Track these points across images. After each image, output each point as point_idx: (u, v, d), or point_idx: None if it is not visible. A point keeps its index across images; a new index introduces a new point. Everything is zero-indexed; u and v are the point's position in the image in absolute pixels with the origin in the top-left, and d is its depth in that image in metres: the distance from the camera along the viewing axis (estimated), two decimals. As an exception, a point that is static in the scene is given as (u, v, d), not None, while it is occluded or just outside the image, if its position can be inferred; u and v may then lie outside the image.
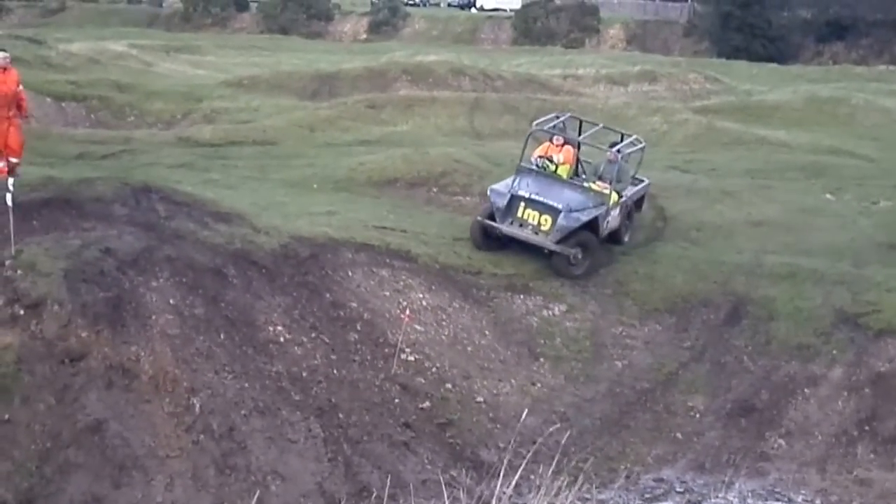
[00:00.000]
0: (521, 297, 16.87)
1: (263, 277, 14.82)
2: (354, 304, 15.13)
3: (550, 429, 13.25)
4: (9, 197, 13.40)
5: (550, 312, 16.75)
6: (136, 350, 12.73)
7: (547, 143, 18.95)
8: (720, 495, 13.04)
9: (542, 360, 15.77)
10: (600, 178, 18.52)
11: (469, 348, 15.47)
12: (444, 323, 15.69)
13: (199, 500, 11.83)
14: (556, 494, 7.24)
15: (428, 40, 66.24)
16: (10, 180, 13.93)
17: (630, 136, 20.14)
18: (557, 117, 20.18)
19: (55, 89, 28.96)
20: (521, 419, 13.50)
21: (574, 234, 17.39)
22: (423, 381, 14.54)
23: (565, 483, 7.60)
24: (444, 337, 15.46)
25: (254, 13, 73.73)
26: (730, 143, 29.81)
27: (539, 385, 15.29)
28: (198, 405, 12.54)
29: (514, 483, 7.59)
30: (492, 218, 17.73)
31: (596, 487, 12.95)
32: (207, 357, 13.12)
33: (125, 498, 11.57)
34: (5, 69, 16.08)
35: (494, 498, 7.04)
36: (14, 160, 16.20)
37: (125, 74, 34.94)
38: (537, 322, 16.47)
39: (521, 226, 17.53)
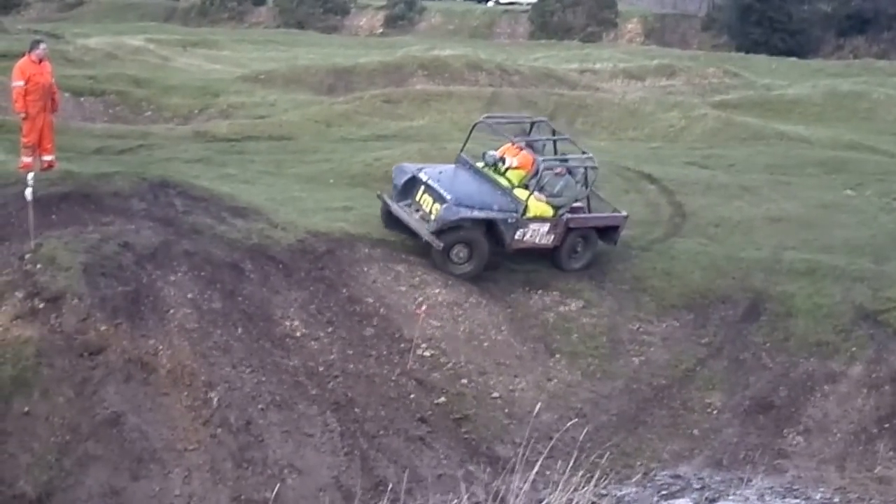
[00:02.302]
0: (538, 292, 16.83)
1: (280, 272, 14.86)
2: (371, 300, 15.14)
3: (567, 425, 13.24)
4: (29, 191, 13.48)
5: (567, 308, 16.71)
6: (154, 344, 12.79)
7: (508, 145, 17.88)
8: (737, 492, 12.99)
9: (558, 356, 15.74)
10: (541, 190, 16.97)
11: (485, 344, 15.46)
12: (460, 318, 15.68)
13: (216, 493, 11.88)
14: (573, 490, 7.24)
15: (444, 34, 66.12)
16: (30, 175, 14.00)
17: (587, 155, 18.04)
18: (532, 121, 19.02)
19: (73, 84, 29.00)
20: (537, 415, 13.49)
21: (457, 229, 16.16)
22: (438, 376, 14.54)
23: (582, 479, 7.60)
24: (460, 332, 15.45)
25: (270, 7, 73.73)
26: (749, 139, 29.66)
27: (555, 381, 15.26)
28: (215, 399, 12.59)
29: (530, 479, 7.59)
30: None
31: (612, 484, 12.93)
32: (225, 351, 13.16)
33: (143, 490, 11.64)
34: (41, 60, 16.09)
35: (510, 493, 7.04)
36: (48, 158, 16.23)
37: (143, 69, 34.99)
38: (554, 318, 16.43)
39: (417, 210, 16.49)
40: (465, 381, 14.65)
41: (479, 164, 17.35)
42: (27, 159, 16.03)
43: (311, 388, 13.39)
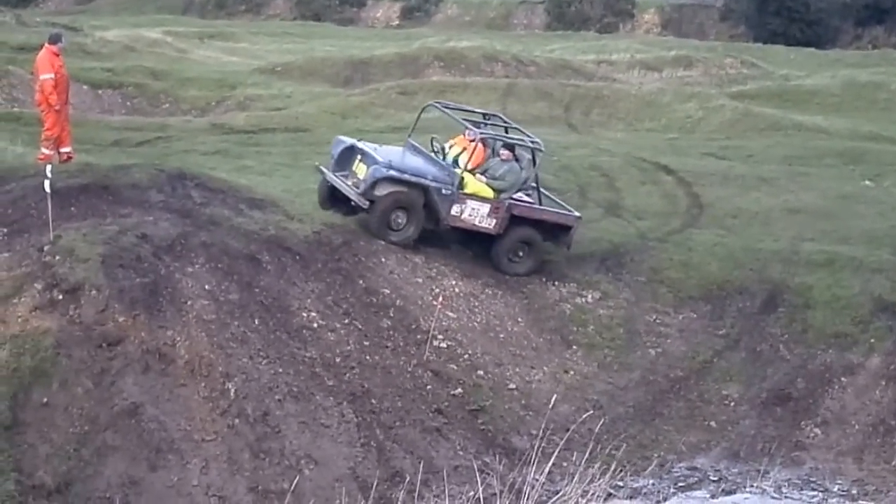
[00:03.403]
0: (555, 284, 16.81)
1: (297, 264, 14.89)
2: (387, 291, 15.16)
3: (583, 416, 13.25)
4: (47, 183, 13.52)
5: (584, 300, 16.69)
6: (172, 335, 12.84)
7: (460, 136, 17.21)
8: (755, 484, 12.99)
9: (574, 347, 15.74)
10: (484, 173, 16.49)
11: (501, 335, 15.47)
12: (476, 310, 15.68)
13: (233, 484, 11.93)
14: (590, 482, 7.24)
15: (460, 26, 65.97)
16: (49, 167, 14.05)
17: (534, 138, 17.26)
18: (485, 116, 18.21)
19: (92, 77, 29.13)
20: (553, 406, 13.48)
21: (394, 193, 15.74)
22: (455, 367, 14.56)
23: (598, 471, 7.61)
24: (476, 324, 15.46)
25: (287, -1, 73.79)
26: (766, 130, 29.53)
27: (572, 372, 15.27)
28: (233, 390, 12.64)
29: (546, 470, 7.60)
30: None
31: (629, 475, 12.94)
32: (242, 342, 13.20)
33: (161, 480, 11.69)
34: (58, 53, 16.14)
35: (527, 485, 7.05)
36: (66, 149, 16.30)
37: (160, 62, 35.09)
38: (570, 309, 16.42)
39: (353, 181, 16.08)
40: (481, 372, 14.66)
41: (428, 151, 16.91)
42: (47, 151, 16.07)
43: (327, 380, 13.42)
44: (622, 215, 20.41)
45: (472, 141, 16.65)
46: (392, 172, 15.69)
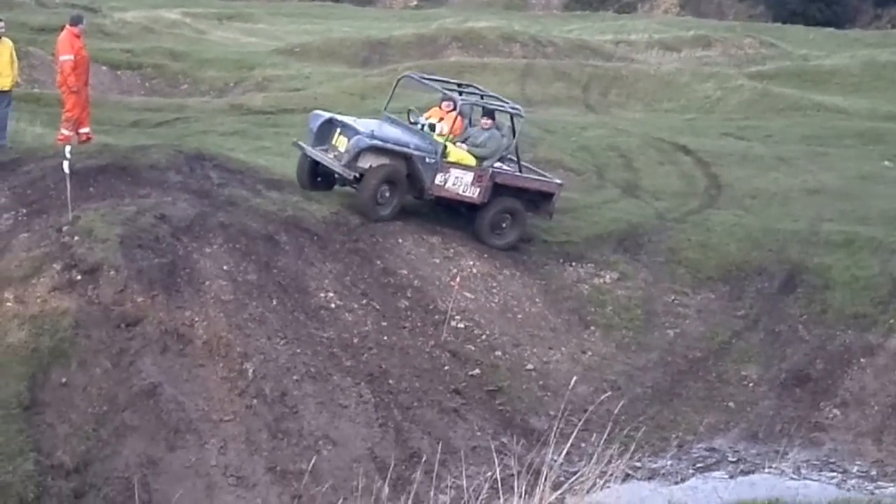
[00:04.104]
0: (573, 264, 16.78)
1: (315, 244, 14.90)
2: (405, 271, 15.16)
3: (601, 397, 13.22)
4: (66, 164, 13.56)
5: (602, 280, 16.65)
6: (190, 315, 12.88)
7: (436, 108, 17.03)
8: (773, 465, 12.96)
9: (592, 328, 15.71)
10: (465, 142, 16.30)
11: (519, 316, 15.45)
12: (494, 290, 15.67)
13: (252, 464, 11.97)
14: (608, 463, 7.23)
15: (478, 6, 65.77)
16: (68, 148, 14.09)
17: (518, 110, 16.92)
18: (459, 85, 17.83)
19: (111, 58, 29.22)
20: (571, 387, 13.47)
21: (382, 167, 15.47)
22: (472, 348, 14.56)
23: (616, 451, 7.60)
24: (494, 304, 15.45)
25: (305, -20, 73.60)
26: (785, 110, 29.40)
27: (590, 353, 15.24)
28: (251, 370, 12.67)
29: (564, 451, 7.59)
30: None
31: (647, 456, 12.94)
32: (260, 322, 13.23)
33: (179, 460, 11.74)
34: (79, 35, 16.15)
35: (545, 466, 7.04)
36: (85, 130, 16.35)
37: (179, 43, 35.14)
38: (588, 290, 16.39)
39: (334, 153, 15.77)
40: (499, 352, 14.66)
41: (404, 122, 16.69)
42: (67, 132, 16.13)
43: (345, 360, 13.44)
44: (640, 196, 20.36)
45: (451, 111, 16.45)
46: (375, 142, 15.43)
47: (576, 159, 22.38)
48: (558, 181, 17.17)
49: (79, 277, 12.82)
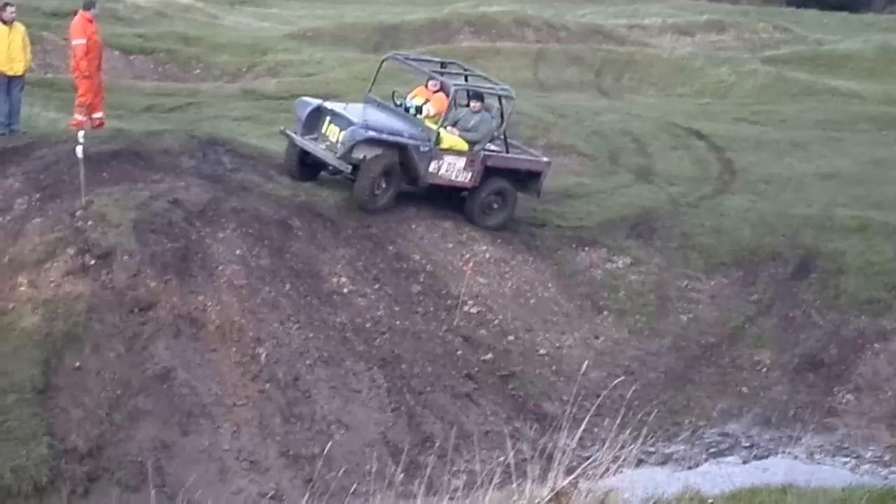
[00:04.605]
0: (585, 249, 16.74)
1: (328, 229, 14.91)
2: (417, 256, 15.15)
3: (614, 382, 13.19)
4: (79, 149, 13.58)
5: (614, 265, 16.62)
6: (203, 300, 12.90)
7: (421, 87, 16.71)
8: (787, 450, 12.93)
9: (605, 313, 15.68)
10: (454, 125, 15.98)
11: (532, 301, 15.43)
12: (506, 275, 15.65)
13: (265, 448, 12.00)
14: (620, 448, 7.21)
15: (492, -10, 65.67)
16: (81, 132, 14.10)
17: (506, 88, 16.79)
18: (442, 64, 17.68)
19: (123, 42, 29.19)
20: (584, 372, 13.46)
21: (379, 158, 15.20)
22: (485, 333, 14.55)
23: (629, 437, 7.57)
24: (506, 289, 15.43)
25: (317, -35, 73.51)
26: (799, 94, 29.29)
27: (602, 338, 15.22)
28: (264, 354, 12.69)
29: (577, 436, 7.57)
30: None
31: (660, 441, 12.91)
32: (273, 307, 13.25)
33: (193, 445, 11.78)
34: (91, 20, 16.16)
35: (557, 450, 7.02)
36: (98, 115, 16.37)
37: (191, 27, 35.10)
38: (601, 275, 16.36)
39: (324, 142, 15.47)
40: (511, 337, 14.65)
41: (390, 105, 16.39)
42: (80, 117, 16.15)
43: (358, 345, 13.45)
44: (653, 181, 20.32)
45: (437, 91, 16.27)
46: (371, 133, 15.14)
47: (589, 144, 22.34)
48: (546, 159, 16.99)
49: (92, 262, 12.85)
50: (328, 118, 15.57)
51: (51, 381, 11.77)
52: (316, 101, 16.07)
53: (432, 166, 15.65)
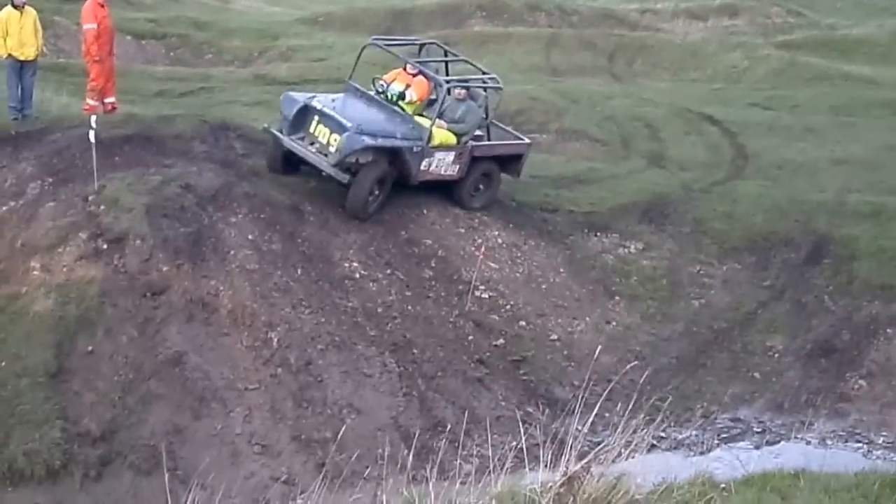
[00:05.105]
0: (597, 234, 16.72)
1: (339, 215, 14.90)
2: (429, 241, 15.15)
3: (626, 367, 13.19)
4: (92, 134, 13.60)
5: (626, 250, 16.59)
6: (215, 284, 12.92)
7: (399, 70, 16.13)
8: (799, 436, 12.91)
9: (617, 298, 15.66)
10: (441, 116, 15.51)
11: (543, 286, 15.42)
12: (518, 260, 15.64)
13: (276, 432, 12.02)
14: (632, 433, 7.20)
15: (504, -25, 65.44)
16: (93, 117, 14.12)
17: (491, 75, 16.51)
18: (421, 46, 17.26)
19: (135, 27, 29.18)
20: (596, 357, 13.45)
21: (373, 164, 14.73)
22: (496, 318, 14.54)
23: (641, 422, 7.56)
24: (518, 274, 15.42)
25: (329, -51, 73.38)
26: (813, 79, 29.12)
27: (614, 323, 15.20)
28: (275, 339, 12.71)
29: (589, 421, 7.56)
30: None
31: (672, 426, 12.90)
32: (285, 292, 13.26)
33: (205, 428, 11.81)
34: (103, 4, 16.16)
35: (569, 435, 7.01)
36: (110, 100, 16.39)
37: (203, 12, 35.06)
38: (613, 260, 16.34)
39: (311, 143, 14.81)
40: (523, 323, 14.64)
41: (371, 92, 15.76)
42: (92, 102, 16.17)
43: (369, 329, 13.46)
44: (666, 166, 20.26)
45: (417, 75, 15.77)
46: (368, 142, 14.54)
47: (601, 129, 22.28)
48: (527, 141, 16.82)
49: (105, 246, 12.89)
50: (316, 117, 14.91)
51: (64, 364, 11.82)
52: (302, 99, 15.28)
53: (423, 164, 15.27)
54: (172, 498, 10.02)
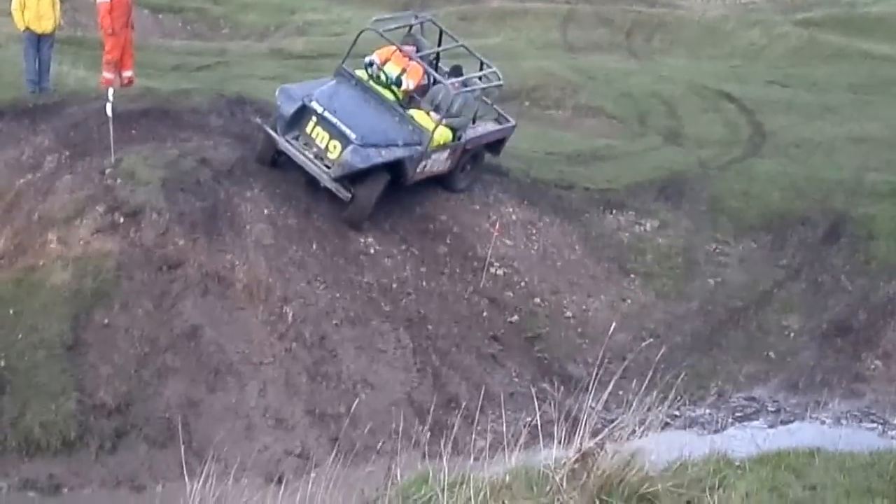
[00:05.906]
0: (613, 212, 16.69)
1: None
2: (444, 218, 15.13)
3: (641, 345, 13.17)
4: (109, 107, 13.60)
5: (642, 228, 16.56)
6: (231, 258, 12.95)
7: (393, 49, 15.39)
8: (813, 416, 12.90)
9: (632, 276, 15.64)
10: (436, 109, 14.88)
11: (558, 263, 15.40)
12: (533, 237, 15.62)
13: (291, 406, 12.07)
14: (646, 411, 7.21)
15: (522, -50, 65.12)
16: (110, 90, 14.13)
17: (490, 66, 15.77)
18: (416, 16, 16.70)
19: (152, 1, 29.13)
20: (610, 334, 13.43)
21: (376, 180, 14.16)
22: (511, 294, 14.54)
23: (656, 399, 7.56)
24: (533, 251, 15.41)
25: (346, -77, 73.09)
26: (832, 57, 28.90)
27: (629, 301, 15.19)
28: (290, 314, 12.73)
29: (603, 398, 7.56)
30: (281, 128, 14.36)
31: (686, 405, 12.90)
32: (300, 267, 13.29)
33: (220, 402, 11.86)
34: None
35: (583, 413, 7.03)
36: (128, 73, 16.39)
37: (219, -14, 34.99)
38: (628, 238, 16.30)
39: (306, 144, 14.08)
40: (537, 300, 14.64)
41: (360, 73, 15.08)
42: (108, 75, 16.16)
43: (384, 305, 13.48)
44: (683, 143, 20.18)
45: (409, 59, 15.17)
46: (373, 159, 13.85)
47: (618, 106, 22.20)
48: (512, 123, 16.30)
49: (121, 220, 12.91)
50: (314, 119, 14.13)
51: (80, 337, 11.87)
52: (299, 95, 14.39)
53: (420, 167, 14.70)
54: (187, 470, 10.08)
